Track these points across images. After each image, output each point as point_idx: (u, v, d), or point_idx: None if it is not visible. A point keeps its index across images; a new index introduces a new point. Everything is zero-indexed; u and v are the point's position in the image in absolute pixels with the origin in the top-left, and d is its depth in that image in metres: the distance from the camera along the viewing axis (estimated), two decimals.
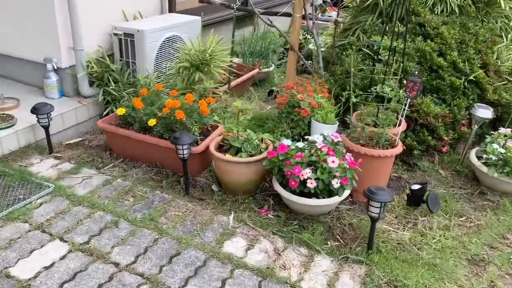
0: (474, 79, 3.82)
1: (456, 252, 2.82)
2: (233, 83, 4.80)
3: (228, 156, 3.14)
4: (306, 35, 6.43)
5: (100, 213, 2.99)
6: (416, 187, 3.19)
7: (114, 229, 2.84)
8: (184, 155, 3.10)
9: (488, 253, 2.83)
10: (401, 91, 3.17)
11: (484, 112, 3.53)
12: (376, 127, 3.42)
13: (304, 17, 4.16)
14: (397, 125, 3.52)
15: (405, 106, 3.24)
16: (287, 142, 3.09)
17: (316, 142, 3.04)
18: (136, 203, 3.12)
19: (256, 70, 5.35)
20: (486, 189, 3.48)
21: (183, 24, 4.55)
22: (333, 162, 2.84)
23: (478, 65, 3.85)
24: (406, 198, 3.31)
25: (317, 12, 4.22)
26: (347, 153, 3.08)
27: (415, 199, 3.21)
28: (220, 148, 3.37)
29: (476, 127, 3.64)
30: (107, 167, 3.60)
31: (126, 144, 3.60)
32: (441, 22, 3.99)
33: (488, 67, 3.89)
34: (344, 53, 4.38)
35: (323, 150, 2.96)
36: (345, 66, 4.14)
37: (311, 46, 6.28)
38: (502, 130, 3.55)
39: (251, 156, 3.20)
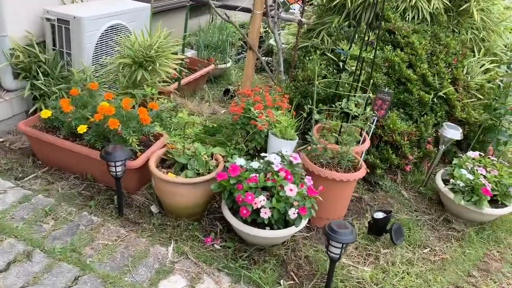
0: (443, 95, 3.56)
1: None
2: (184, 81, 4.33)
3: (170, 176, 2.70)
4: (267, 28, 6.02)
5: (10, 240, 2.48)
6: (379, 215, 2.89)
7: (26, 263, 2.34)
8: (117, 173, 2.63)
9: None
10: (368, 109, 2.84)
11: (454, 133, 3.27)
12: (338, 144, 3.10)
13: (265, 14, 3.74)
14: (361, 142, 3.21)
15: (371, 124, 2.92)
16: (240, 161, 2.69)
17: (273, 164, 2.66)
18: (57, 228, 2.62)
19: (212, 67, 4.89)
20: (451, 216, 3.25)
21: (129, 12, 4.00)
22: (291, 190, 2.47)
23: (448, 80, 3.60)
24: (367, 225, 3.02)
25: (280, 10, 3.80)
26: (307, 176, 2.73)
27: (378, 229, 2.91)
28: (163, 162, 2.92)
29: (443, 147, 3.39)
30: (28, 177, 3.06)
31: (53, 152, 3.07)
32: (412, 30, 3.70)
33: (458, 83, 3.65)
34: (307, 57, 4.02)
35: (280, 174, 2.58)
36: (307, 72, 3.78)
37: (272, 41, 5.89)
38: (470, 153, 3.31)
39: (198, 174, 2.78)
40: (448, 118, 3.66)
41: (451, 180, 3.18)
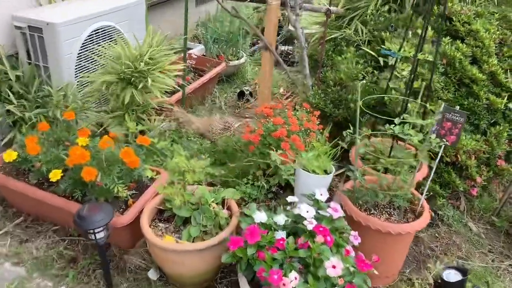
0: None
1: None
2: (190, 88, 3.62)
3: (167, 241, 2.02)
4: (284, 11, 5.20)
5: None
6: (451, 276, 2.16)
7: None
8: (99, 240, 1.97)
9: None
10: (432, 135, 2.06)
11: None
12: (385, 173, 2.37)
13: (283, 3, 2.96)
14: (417, 169, 2.46)
15: (437, 154, 2.16)
16: (260, 217, 1.99)
17: (306, 219, 1.95)
18: None
19: (222, 66, 4.15)
20: None
21: (118, 9, 3.27)
22: (333, 268, 1.76)
23: None
24: (432, 284, 2.29)
25: None
26: (352, 234, 2.02)
27: None
28: (161, 214, 2.25)
29: None
30: None
31: (26, 201, 2.44)
32: (473, 13, 2.87)
33: None
34: (336, 52, 3.24)
35: (317, 238, 1.86)
36: (339, 74, 3.01)
37: (291, 27, 5.08)
38: None
39: (206, 231, 2.10)
40: None
41: None
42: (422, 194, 2.25)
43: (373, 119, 2.88)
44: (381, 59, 3.09)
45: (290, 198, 2.19)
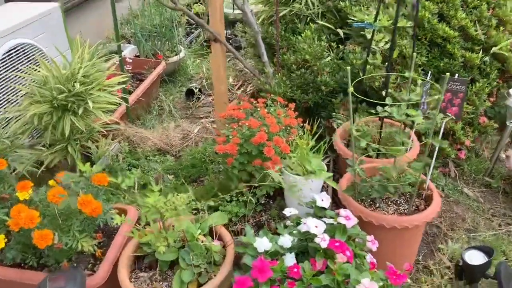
0: (490, 47, 2.60)
1: None
2: (132, 99, 3.17)
3: None
4: None
5: None
6: (474, 258, 1.97)
7: None
8: None
9: None
10: (435, 111, 1.82)
11: None
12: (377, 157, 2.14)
13: None
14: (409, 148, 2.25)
15: (439, 129, 1.93)
16: (263, 245, 1.68)
17: (317, 235, 1.66)
18: None
19: (162, 65, 3.72)
20: None
21: (30, 22, 2.74)
22: None
23: (494, 26, 2.62)
24: (453, 268, 2.11)
25: None
26: (368, 239, 1.77)
27: (473, 275, 2.01)
28: (140, 260, 1.87)
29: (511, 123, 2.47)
30: None
31: None
32: None
33: (505, 26, 2.68)
34: (288, 30, 2.94)
35: (339, 259, 1.58)
36: (300, 54, 2.71)
37: (227, 10, 4.71)
38: None
39: (200, 272, 1.76)
40: (500, 78, 2.72)
41: None
42: (425, 175, 2.04)
43: (346, 100, 2.63)
44: (340, 31, 2.83)
45: (287, 211, 1.90)
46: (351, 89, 1.75)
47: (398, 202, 2.04)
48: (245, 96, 3.85)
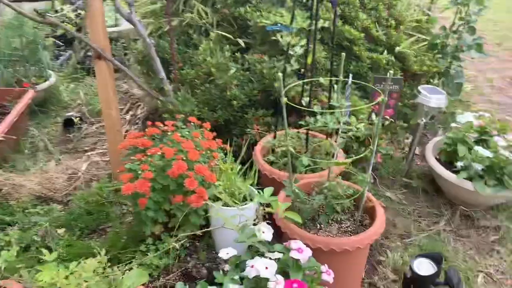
0: (392, 46, 2.59)
1: None
2: None
3: None
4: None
5: None
6: (423, 267, 1.85)
7: None
8: None
9: None
10: (379, 116, 1.66)
11: (439, 99, 2.34)
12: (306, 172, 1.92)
13: None
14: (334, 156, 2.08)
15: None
16: None
17: (269, 280, 1.36)
18: None
19: (30, 94, 3.09)
20: (465, 207, 2.40)
21: None
22: None
23: (393, 25, 2.62)
24: (403, 279, 1.97)
25: None
26: (322, 269, 1.51)
27: (423, 285, 1.88)
28: None
29: (424, 120, 2.45)
30: None
31: None
32: None
33: (401, 24, 2.70)
34: (181, 42, 2.62)
35: None
36: (200, 68, 2.41)
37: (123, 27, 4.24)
38: (464, 118, 2.44)
39: None
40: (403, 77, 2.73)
41: (459, 164, 2.29)
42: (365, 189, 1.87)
43: (261, 113, 2.39)
44: (240, 41, 2.59)
45: (223, 253, 1.56)
46: (284, 100, 1.49)
47: (339, 219, 1.84)
48: (136, 121, 3.41)
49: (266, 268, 1.40)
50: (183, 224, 1.72)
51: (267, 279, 1.38)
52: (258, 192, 1.65)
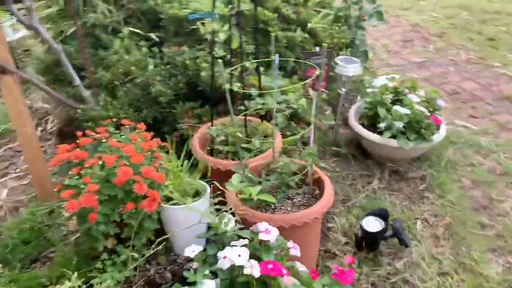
0: (303, 24, 2.68)
1: None
2: None
3: None
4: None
5: None
6: (371, 224, 1.97)
7: None
8: None
9: None
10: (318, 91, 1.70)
11: (355, 68, 2.48)
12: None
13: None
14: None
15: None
16: None
17: (244, 266, 1.36)
18: None
19: None
20: (390, 164, 2.59)
21: None
22: None
23: (301, 4, 2.70)
24: (354, 242, 2.08)
25: None
26: (288, 245, 1.55)
27: (373, 241, 2.01)
28: None
29: (344, 90, 2.58)
30: None
31: None
32: None
33: (308, 1, 2.80)
34: (89, 44, 2.48)
35: (285, 280, 1.32)
36: (117, 68, 2.29)
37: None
38: (379, 82, 2.61)
39: None
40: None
41: (382, 125, 2.45)
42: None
43: (190, 106, 2.35)
44: (153, 35, 2.50)
45: (189, 251, 1.53)
46: (227, 86, 1.48)
47: (291, 195, 1.88)
48: (48, 137, 3.15)
49: (239, 256, 1.40)
50: (138, 232, 1.64)
51: (242, 267, 1.38)
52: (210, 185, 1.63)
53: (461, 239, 2.12)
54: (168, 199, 1.73)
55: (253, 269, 1.36)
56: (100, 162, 1.59)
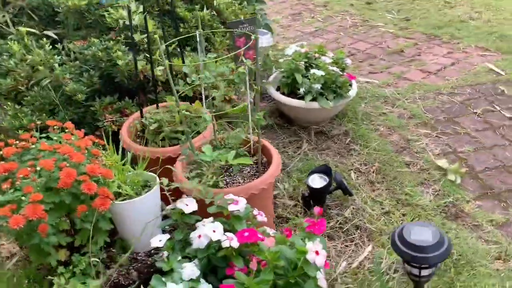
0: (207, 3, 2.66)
1: None
2: None
3: None
4: None
5: None
6: (317, 181, 2.06)
7: None
8: None
9: None
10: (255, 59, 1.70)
11: (268, 38, 2.53)
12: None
13: None
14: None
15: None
16: None
17: (221, 240, 1.34)
18: None
19: None
20: (310, 126, 2.72)
21: None
22: (317, 254, 1.30)
23: None
24: (301, 202, 2.16)
25: None
26: (254, 212, 1.56)
27: (319, 197, 2.11)
28: None
29: (259, 63, 2.63)
30: None
31: None
32: None
33: None
34: None
35: (267, 243, 1.33)
36: (17, 72, 2.07)
37: None
38: (291, 50, 2.69)
39: None
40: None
41: (301, 90, 2.55)
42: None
43: (108, 101, 2.21)
44: (50, 33, 2.30)
45: (156, 241, 1.46)
46: (167, 63, 1.42)
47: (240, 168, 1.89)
48: None
49: (214, 231, 1.37)
50: (93, 235, 1.52)
51: (219, 241, 1.35)
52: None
53: (392, 179, 2.32)
54: (116, 196, 1.62)
55: (231, 241, 1.35)
56: (38, 168, 1.43)
